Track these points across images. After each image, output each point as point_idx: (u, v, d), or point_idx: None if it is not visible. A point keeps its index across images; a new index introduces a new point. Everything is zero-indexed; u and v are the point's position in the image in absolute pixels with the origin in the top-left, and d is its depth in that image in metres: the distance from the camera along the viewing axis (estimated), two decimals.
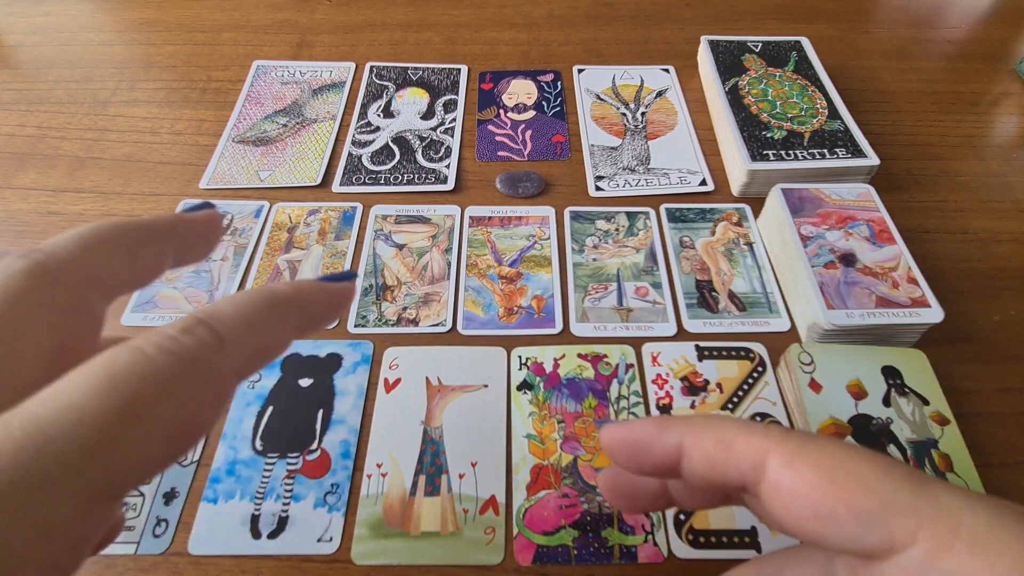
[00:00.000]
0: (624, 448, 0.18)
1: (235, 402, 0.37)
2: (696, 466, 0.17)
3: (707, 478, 0.17)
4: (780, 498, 0.15)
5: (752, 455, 0.16)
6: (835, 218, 0.42)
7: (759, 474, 0.16)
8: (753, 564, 0.19)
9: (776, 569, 0.18)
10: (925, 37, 0.63)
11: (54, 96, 0.55)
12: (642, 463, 0.18)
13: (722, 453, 0.16)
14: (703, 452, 0.17)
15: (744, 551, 0.31)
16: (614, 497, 0.21)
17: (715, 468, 0.16)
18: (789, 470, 0.15)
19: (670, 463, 0.17)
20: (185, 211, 0.20)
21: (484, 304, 0.41)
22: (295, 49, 0.61)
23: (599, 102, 0.56)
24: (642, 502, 0.21)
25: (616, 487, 0.21)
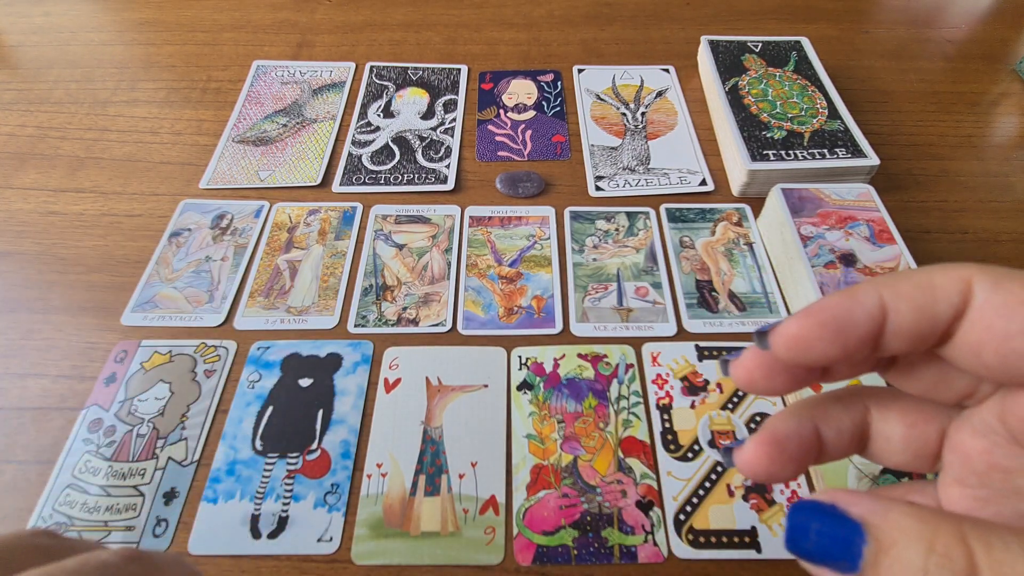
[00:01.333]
0: (822, 332, 0.15)
1: (235, 402, 0.37)
2: (904, 320, 0.15)
3: (916, 331, 0.15)
4: (986, 319, 0.14)
5: (957, 285, 0.15)
6: (835, 218, 0.42)
7: (967, 301, 0.15)
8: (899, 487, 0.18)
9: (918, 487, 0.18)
10: (925, 37, 0.63)
11: (54, 96, 0.55)
12: (847, 343, 0.15)
13: (927, 294, 0.15)
14: (909, 301, 0.15)
15: (744, 551, 0.31)
16: (770, 377, 0.17)
17: (925, 312, 0.15)
18: (998, 289, 0.14)
19: (876, 329, 0.15)
20: None
21: (484, 304, 0.41)
22: (295, 49, 0.61)
23: (599, 102, 0.56)
24: (800, 376, 0.18)
25: (773, 366, 0.17)
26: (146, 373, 0.38)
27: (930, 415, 0.18)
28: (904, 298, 0.15)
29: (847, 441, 0.18)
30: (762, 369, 0.17)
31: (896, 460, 0.18)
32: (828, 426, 0.18)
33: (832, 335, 0.15)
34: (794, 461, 0.17)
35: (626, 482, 0.34)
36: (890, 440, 0.18)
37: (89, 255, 0.44)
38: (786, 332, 0.16)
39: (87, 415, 0.36)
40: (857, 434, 0.18)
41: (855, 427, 0.18)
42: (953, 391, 0.17)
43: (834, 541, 0.13)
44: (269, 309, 0.41)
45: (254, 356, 0.39)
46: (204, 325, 0.40)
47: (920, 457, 0.18)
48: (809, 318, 0.15)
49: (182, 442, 0.35)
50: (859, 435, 0.18)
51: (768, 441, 0.17)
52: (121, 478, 0.34)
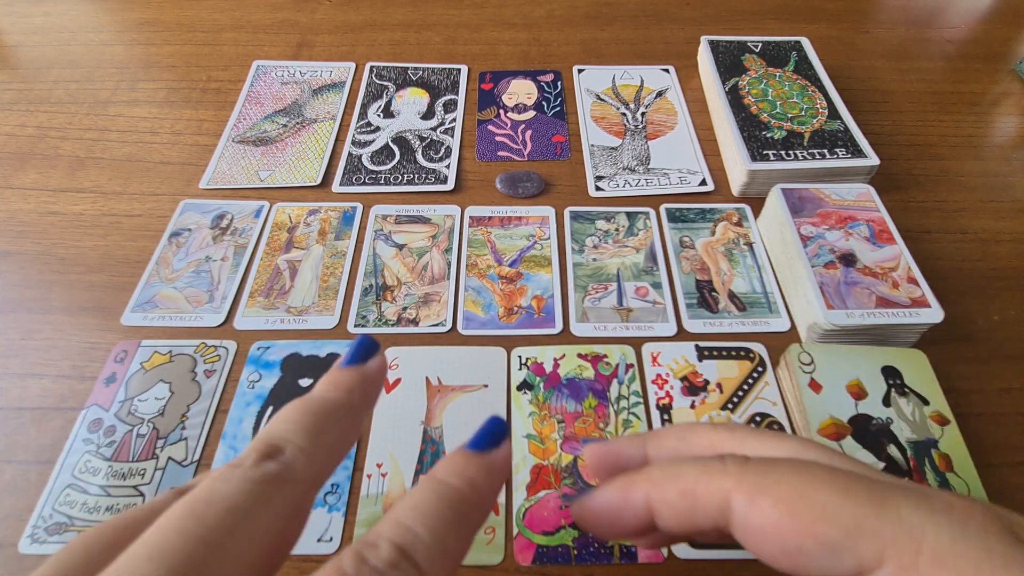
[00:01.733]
0: (597, 519, 0.18)
1: (235, 402, 0.37)
2: (668, 522, 0.17)
3: (683, 530, 0.17)
4: (750, 536, 0.16)
5: (716, 499, 0.16)
6: (835, 218, 0.42)
7: (727, 516, 0.16)
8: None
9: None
10: (925, 37, 0.63)
11: (54, 96, 0.55)
12: (622, 532, 0.18)
13: (688, 503, 0.16)
14: (670, 507, 0.17)
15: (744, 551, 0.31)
16: (596, 521, 0.20)
17: (686, 520, 0.17)
18: (753, 509, 0.16)
19: (646, 524, 0.17)
20: (357, 355, 0.19)
21: (484, 304, 0.41)
22: (295, 49, 0.61)
23: (599, 102, 0.56)
24: (620, 528, 0.19)
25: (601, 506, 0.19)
26: (146, 373, 0.38)
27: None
28: (665, 505, 0.17)
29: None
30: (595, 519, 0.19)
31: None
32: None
33: (608, 525, 0.18)
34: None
35: None
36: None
37: (89, 255, 0.44)
38: (576, 512, 0.19)
39: (87, 415, 0.36)
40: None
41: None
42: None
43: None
44: (269, 309, 0.41)
45: (254, 356, 0.39)
46: (204, 325, 0.40)
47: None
48: (590, 504, 0.18)
49: (182, 442, 0.35)
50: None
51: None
52: (121, 478, 0.34)
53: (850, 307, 0.37)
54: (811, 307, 0.38)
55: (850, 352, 0.37)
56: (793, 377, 0.36)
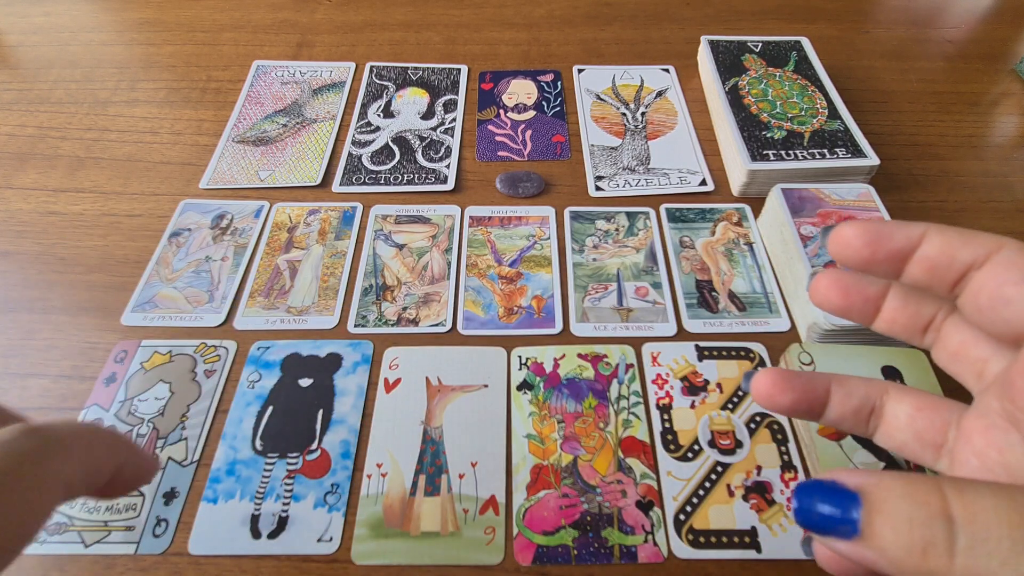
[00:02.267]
0: (865, 235, 0.18)
1: (235, 402, 0.37)
2: (931, 251, 0.18)
3: (934, 263, 0.18)
4: (994, 270, 0.17)
5: (989, 244, 0.17)
6: (835, 218, 0.42)
7: (989, 257, 0.17)
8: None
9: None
10: (925, 37, 0.63)
11: (54, 96, 0.55)
12: (877, 249, 0.18)
13: (960, 242, 0.17)
14: (944, 239, 0.18)
15: (744, 551, 0.31)
16: (830, 287, 0.21)
17: (948, 252, 0.17)
18: (1021, 253, 0.17)
19: (907, 249, 0.18)
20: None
21: (484, 304, 0.41)
22: (295, 49, 0.61)
23: (599, 102, 0.56)
24: (852, 299, 0.21)
25: (839, 280, 0.21)
26: (146, 373, 0.38)
27: (941, 408, 0.20)
28: (942, 234, 0.18)
29: (853, 407, 0.20)
30: (830, 281, 0.21)
31: (899, 438, 0.20)
32: (841, 387, 0.20)
33: (871, 240, 0.18)
34: (793, 392, 0.20)
35: (626, 482, 0.34)
36: (898, 418, 0.20)
37: (89, 255, 0.44)
38: (840, 233, 0.19)
39: (87, 415, 0.36)
40: (867, 408, 0.20)
41: (865, 400, 0.20)
42: (971, 362, 0.19)
43: (834, 510, 0.15)
44: (269, 309, 0.41)
45: (254, 356, 0.39)
46: (204, 325, 0.40)
47: (922, 441, 0.20)
48: (861, 225, 0.19)
49: (182, 442, 0.35)
50: (868, 410, 0.20)
51: (779, 373, 0.20)
52: None
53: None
54: (811, 307, 0.38)
55: (850, 352, 0.37)
56: None
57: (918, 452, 0.20)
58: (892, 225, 0.18)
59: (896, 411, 0.20)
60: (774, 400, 0.20)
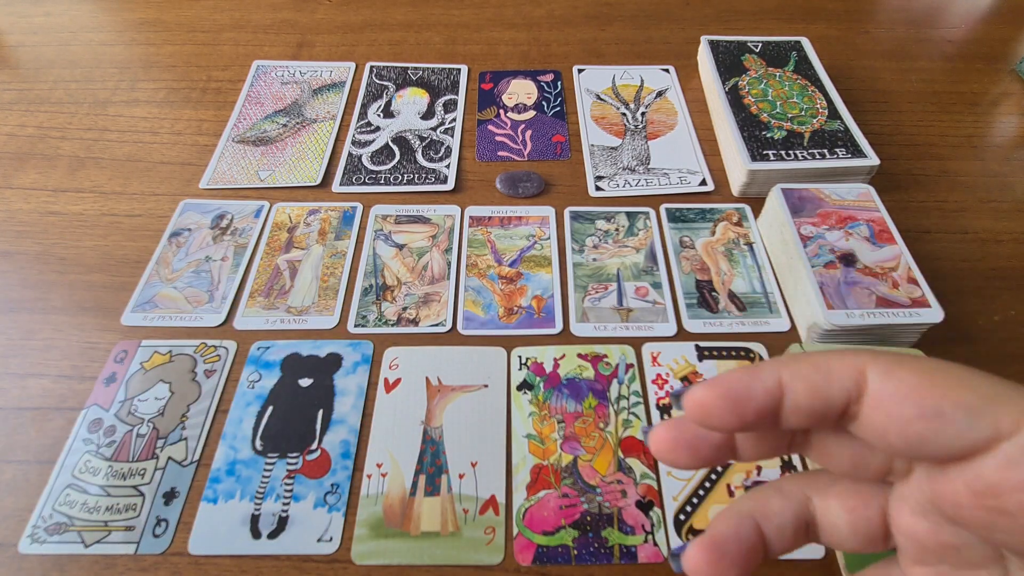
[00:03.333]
0: (721, 402, 0.17)
1: (235, 402, 0.37)
2: (800, 398, 0.16)
3: (811, 409, 0.16)
4: (883, 406, 0.16)
5: (851, 372, 0.16)
6: (835, 218, 0.42)
7: (860, 388, 0.16)
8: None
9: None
10: (925, 37, 0.63)
11: (54, 96, 0.55)
12: (744, 413, 0.17)
13: (822, 377, 0.16)
14: (804, 381, 0.16)
15: None
16: (675, 450, 0.19)
17: (819, 395, 0.16)
18: (890, 378, 0.16)
19: (773, 404, 0.17)
20: None
21: (484, 304, 0.41)
22: (295, 49, 0.61)
23: (599, 102, 0.56)
24: (704, 454, 0.19)
25: (679, 439, 0.19)
26: (146, 373, 0.38)
27: (867, 497, 0.19)
28: (800, 378, 0.16)
29: (790, 535, 0.19)
30: (669, 442, 0.19)
31: (848, 545, 0.19)
32: (769, 522, 0.19)
33: (730, 405, 0.17)
34: (736, 565, 0.18)
35: (626, 482, 0.34)
36: (836, 527, 0.19)
37: (89, 255, 0.44)
38: (692, 397, 0.17)
39: (87, 415, 0.36)
40: (802, 527, 0.19)
41: (797, 520, 0.19)
42: (872, 468, 0.18)
43: None
44: (269, 309, 0.41)
45: (254, 356, 0.39)
46: (204, 325, 0.40)
47: (869, 539, 0.19)
48: (713, 388, 0.17)
49: (182, 442, 0.35)
50: (803, 527, 0.19)
51: (708, 546, 0.18)
52: (121, 478, 0.34)
53: (850, 307, 0.37)
54: (811, 307, 0.38)
55: None
56: None
57: (868, 547, 0.19)
58: (745, 381, 0.17)
59: (832, 519, 0.19)
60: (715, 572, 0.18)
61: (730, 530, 0.19)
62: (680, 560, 0.18)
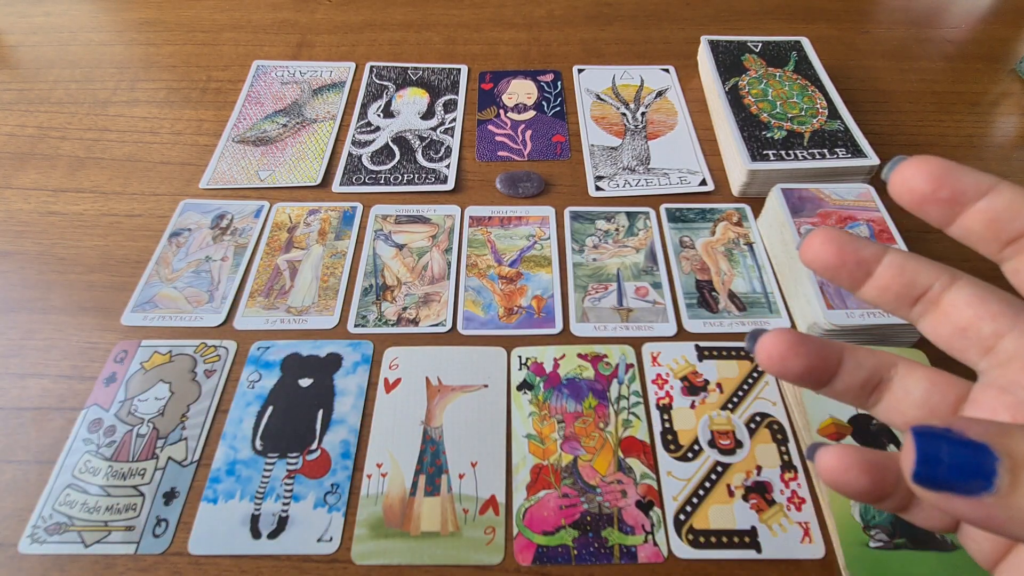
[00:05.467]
0: (834, 240, 0.19)
1: (235, 402, 0.37)
2: (888, 281, 0.19)
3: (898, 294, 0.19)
4: (961, 301, 0.18)
5: (936, 274, 0.19)
6: (835, 218, 0.42)
7: (947, 286, 0.19)
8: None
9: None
10: (925, 37, 0.63)
11: (54, 96, 0.55)
12: (847, 255, 0.19)
13: (908, 278, 0.19)
14: (897, 271, 0.19)
15: (744, 551, 0.31)
16: (829, 245, 0.19)
17: (905, 290, 0.19)
18: (968, 284, 0.18)
19: (875, 259, 0.19)
20: None
21: (484, 304, 0.41)
22: (295, 49, 0.61)
23: (599, 102, 0.56)
24: (850, 260, 0.20)
25: (834, 237, 0.19)
26: (146, 373, 0.38)
27: (953, 384, 0.19)
28: (903, 255, 0.19)
29: (862, 378, 0.20)
30: (822, 241, 0.19)
31: (910, 415, 0.19)
32: (852, 357, 0.20)
33: (841, 247, 0.19)
34: (806, 357, 0.19)
35: (626, 482, 0.34)
36: (910, 393, 0.19)
37: (89, 255, 0.44)
38: (812, 236, 0.19)
39: (87, 415, 0.36)
40: (875, 380, 0.20)
41: (875, 371, 0.20)
42: (980, 339, 0.19)
43: (967, 463, 0.13)
44: (269, 309, 0.41)
45: (254, 356, 0.39)
46: (204, 325, 0.40)
47: (934, 417, 0.19)
48: (831, 232, 0.18)
49: (182, 442, 0.35)
50: (876, 382, 0.20)
51: (791, 334, 0.19)
52: (121, 478, 0.34)
53: (850, 307, 0.37)
54: (811, 307, 0.38)
55: None
56: None
57: (927, 420, 0.19)
58: (859, 239, 0.18)
59: (908, 386, 0.20)
60: (786, 365, 0.19)
61: (815, 339, 0.19)
62: (757, 340, 0.19)
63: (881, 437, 0.34)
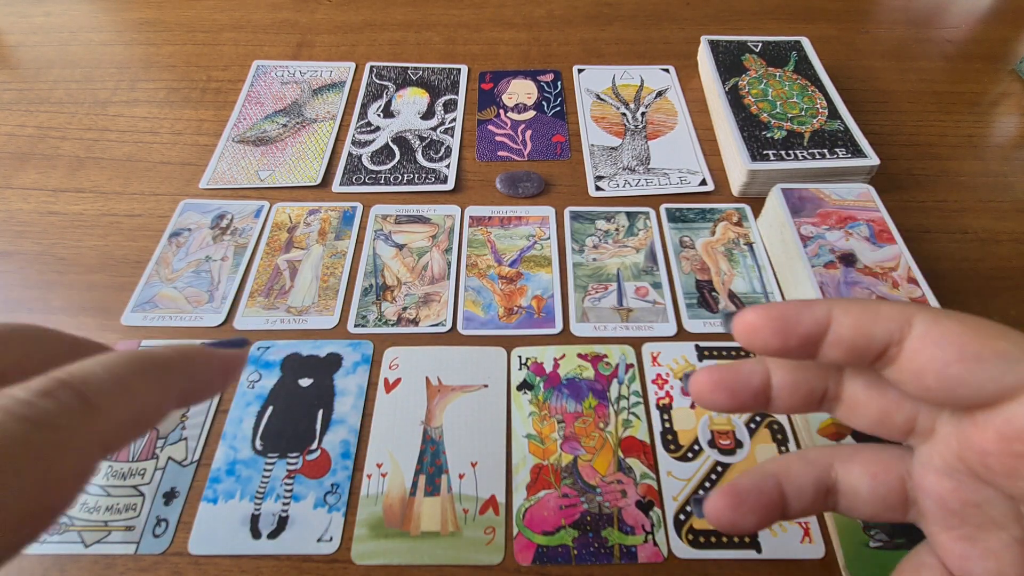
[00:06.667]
0: (771, 323, 0.18)
1: (235, 402, 0.37)
2: (844, 332, 0.17)
3: (852, 344, 0.17)
4: (926, 348, 0.17)
5: (898, 316, 0.17)
6: (835, 218, 0.42)
7: (903, 333, 0.17)
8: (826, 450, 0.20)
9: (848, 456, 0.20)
10: (925, 37, 0.63)
11: (54, 96, 0.55)
12: (788, 337, 0.18)
13: (870, 317, 0.17)
14: (852, 317, 0.17)
15: (744, 551, 0.31)
16: (713, 391, 0.20)
17: (863, 331, 0.17)
18: (936, 324, 0.17)
19: (818, 333, 0.18)
20: (223, 345, 0.19)
21: (484, 304, 0.41)
22: (295, 49, 0.61)
23: (599, 102, 0.56)
24: (741, 398, 0.20)
25: (719, 380, 0.20)
26: None
27: (889, 464, 0.20)
28: (849, 314, 0.18)
29: (810, 498, 0.20)
30: (709, 384, 0.20)
31: (868, 512, 0.20)
32: (790, 483, 0.20)
33: (779, 327, 0.18)
34: (754, 513, 0.19)
35: (626, 482, 0.34)
36: (857, 493, 0.20)
37: (89, 255, 0.44)
38: (743, 318, 0.18)
39: None
40: (821, 492, 0.20)
41: (818, 484, 0.20)
42: (896, 425, 0.19)
43: None
44: (269, 309, 0.41)
45: (254, 356, 0.39)
46: (204, 325, 0.40)
47: (888, 505, 0.20)
48: (765, 311, 0.18)
49: (182, 442, 0.35)
50: (823, 492, 0.20)
51: (729, 493, 0.20)
52: (121, 478, 0.34)
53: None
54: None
55: None
56: None
57: (886, 516, 0.20)
58: (796, 307, 0.18)
59: (853, 485, 0.20)
60: (736, 526, 0.20)
61: (752, 484, 0.20)
62: (702, 505, 0.20)
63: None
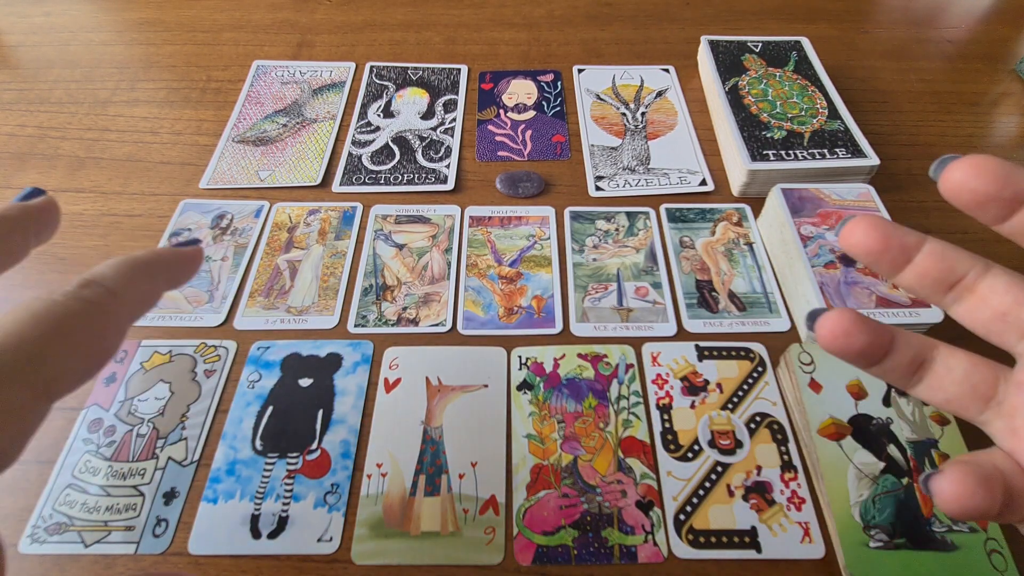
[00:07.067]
0: (878, 227, 0.19)
1: (235, 402, 0.37)
2: (935, 252, 0.20)
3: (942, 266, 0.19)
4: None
5: (980, 263, 0.19)
6: (835, 218, 0.42)
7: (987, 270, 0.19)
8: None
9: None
10: (925, 37, 0.63)
11: (54, 96, 0.55)
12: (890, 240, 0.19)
13: (957, 253, 0.20)
14: (943, 246, 0.19)
15: (744, 551, 0.31)
16: (868, 229, 0.20)
17: (950, 261, 0.19)
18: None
19: (915, 246, 0.20)
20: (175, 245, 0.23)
21: (484, 304, 0.41)
22: (295, 49, 0.61)
23: (599, 102, 0.56)
24: (891, 242, 0.20)
25: (877, 222, 0.20)
26: (146, 373, 0.38)
27: (990, 363, 0.20)
28: (941, 244, 0.20)
29: (909, 356, 0.21)
30: (865, 223, 0.20)
31: (951, 393, 0.20)
32: (900, 337, 0.21)
33: (885, 233, 0.19)
34: (867, 334, 0.20)
35: (626, 482, 0.34)
36: (952, 371, 0.20)
37: (89, 255, 0.44)
38: (856, 220, 0.19)
39: (87, 415, 0.36)
40: (918, 361, 0.21)
41: (919, 350, 0.21)
42: (1016, 325, 0.20)
43: None
44: (269, 309, 0.41)
45: (254, 356, 0.39)
46: (204, 325, 0.40)
47: (977, 394, 0.20)
48: (874, 219, 0.19)
49: (182, 442, 0.35)
50: (918, 362, 0.21)
51: (851, 312, 0.20)
52: (121, 478, 0.34)
53: (850, 307, 0.37)
54: (811, 307, 0.38)
55: None
56: (793, 377, 0.36)
57: (966, 405, 0.20)
58: (900, 227, 0.19)
59: (950, 364, 0.20)
60: (849, 342, 0.20)
61: (870, 319, 0.20)
62: (817, 319, 0.20)
63: (881, 437, 0.34)
